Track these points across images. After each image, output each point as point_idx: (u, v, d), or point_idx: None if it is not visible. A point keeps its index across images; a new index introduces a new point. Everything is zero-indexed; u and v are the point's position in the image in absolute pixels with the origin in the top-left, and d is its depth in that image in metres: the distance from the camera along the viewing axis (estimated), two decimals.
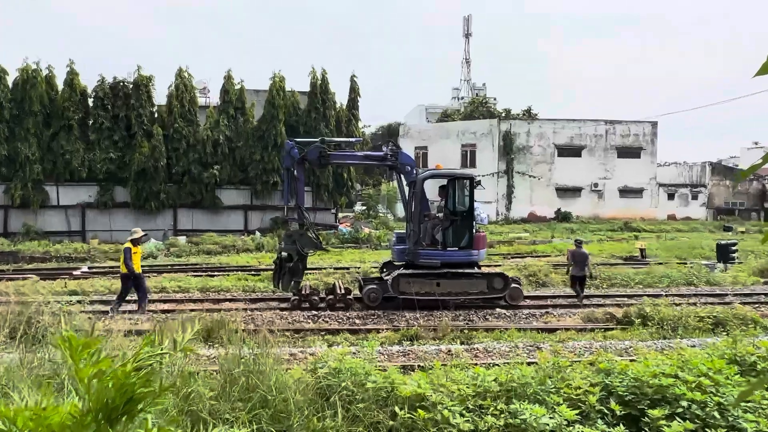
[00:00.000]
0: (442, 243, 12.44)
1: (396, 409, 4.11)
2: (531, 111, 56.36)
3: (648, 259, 20.88)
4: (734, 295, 13.37)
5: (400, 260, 12.85)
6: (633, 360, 5.42)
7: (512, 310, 12.15)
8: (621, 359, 5.34)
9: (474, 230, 12.51)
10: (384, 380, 4.51)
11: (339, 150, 13.49)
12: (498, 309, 12.24)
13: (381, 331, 10.30)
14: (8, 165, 25.76)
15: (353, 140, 16.29)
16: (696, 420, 3.92)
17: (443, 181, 13.05)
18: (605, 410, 4.15)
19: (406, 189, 12.92)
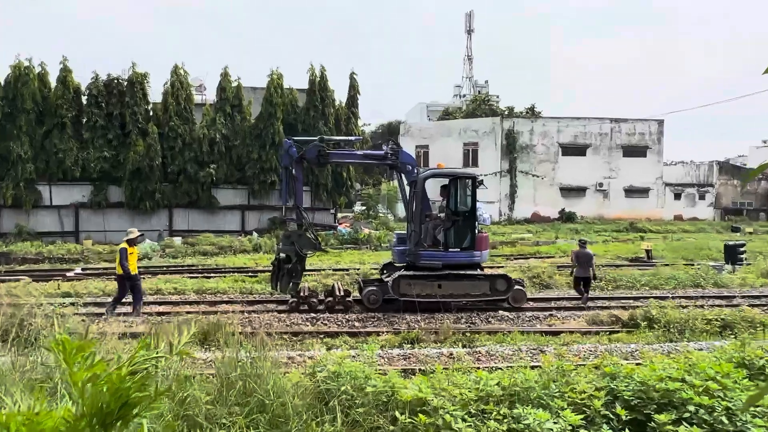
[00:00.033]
0: (444, 244, 12.45)
1: (396, 414, 4.11)
2: (534, 109, 56.32)
3: (654, 261, 20.89)
4: (742, 297, 13.37)
5: (401, 261, 12.86)
6: (639, 363, 5.42)
7: (515, 313, 12.16)
8: (627, 363, 5.34)
9: (476, 231, 12.52)
10: (384, 384, 4.50)
11: (338, 149, 13.50)
12: (501, 311, 12.25)
13: (381, 334, 10.30)
14: (0, 164, 25.78)
15: (353, 139, 16.29)
16: (703, 425, 3.92)
17: (445, 181, 13.07)
18: (611, 415, 4.15)
19: (407, 188, 12.93)
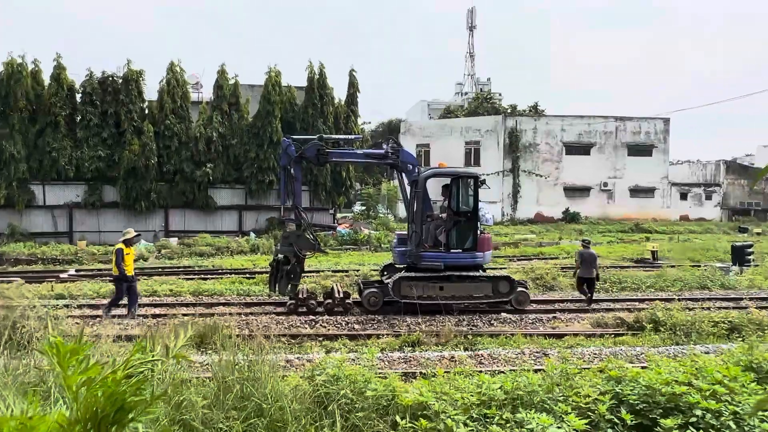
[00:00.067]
0: (446, 245, 12.45)
1: (397, 419, 4.11)
2: (538, 107, 56.31)
3: (660, 262, 20.90)
4: (750, 300, 13.36)
5: (402, 263, 12.86)
6: (644, 367, 5.42)
7: (518, 315, 12.16)
8: (632, 366, 5.33)
9: (478, 231, 12.52)
10: (384, 388, 4.50)
11: (338, 147, 13.51)
12: (503, 314, 12.25)
13: (381, 337, 10.30)
14: None
15: (352, 137, 16.31)
16: (711, 430, 3.92)
17: (446, 180, 13.06)
18: (616, 419, 4.15)
19: (408, 188, 12.93)
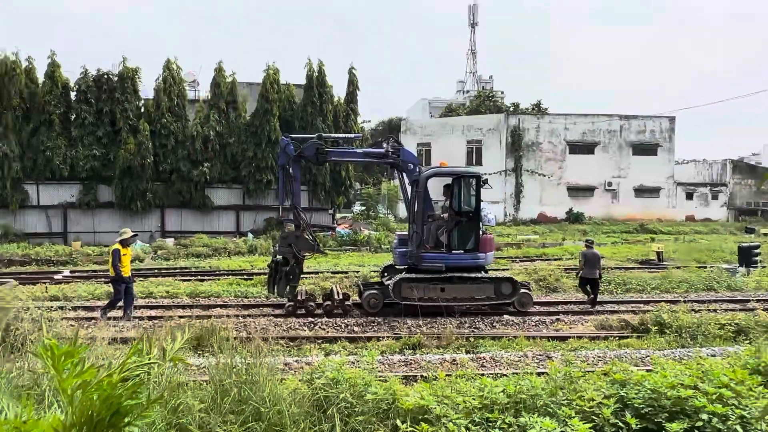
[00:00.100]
0: (447, 245, 12.45)
1: (398, 423, 4.11)
2: (540, 105, 56.29)
3: (665, 263, 20.90)
4: (757, 301, 13.33)
5: (402, 264, 12.86)
6: (650, 370, 5.41)
7: (521, 317, 12.16)
8: (637, 369, 5.33)
9: (480, 232, 12.52)
10: (385, 391, 4.50)
11: (337, 146, 13.51)
12: (506, 316, 12.25)
13: (381, 339, 10.31)
14: None
15: (352, 136, 16.32)
16: None
17: (448, 180, 13.06)
18: (620, 424, 4.14)
19: (409, 188, 12.94)
